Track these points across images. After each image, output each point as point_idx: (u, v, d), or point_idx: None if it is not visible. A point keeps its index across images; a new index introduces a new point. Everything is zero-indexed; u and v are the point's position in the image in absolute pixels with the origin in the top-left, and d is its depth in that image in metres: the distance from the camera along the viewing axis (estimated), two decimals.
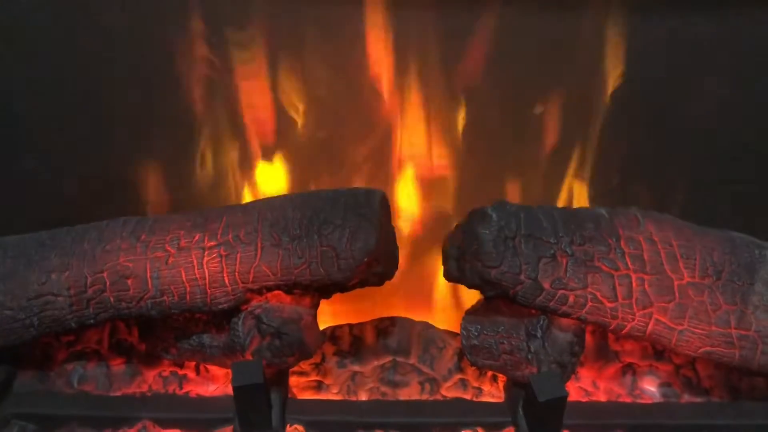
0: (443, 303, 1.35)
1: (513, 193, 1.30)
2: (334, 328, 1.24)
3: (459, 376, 1.19)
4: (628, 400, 1.16)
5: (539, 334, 1.09)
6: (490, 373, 1.18)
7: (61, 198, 1.30)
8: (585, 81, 1.22)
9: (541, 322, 1.09)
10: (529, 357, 1.09)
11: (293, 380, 1.17)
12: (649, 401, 1.16)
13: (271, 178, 1.31)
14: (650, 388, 1.17)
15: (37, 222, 1.18)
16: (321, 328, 1.15)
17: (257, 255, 1.07)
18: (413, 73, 1.21)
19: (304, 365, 1.18)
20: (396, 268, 1.15)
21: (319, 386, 1.18)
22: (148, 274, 1.07)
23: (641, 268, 1.07)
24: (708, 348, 1.07)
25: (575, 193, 1.32)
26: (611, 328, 1.07)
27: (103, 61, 1.21)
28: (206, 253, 1.08)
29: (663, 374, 1.18)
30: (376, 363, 1.21)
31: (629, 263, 1.07)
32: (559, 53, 1.20)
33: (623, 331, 1.07)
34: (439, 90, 1.23)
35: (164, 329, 1.14)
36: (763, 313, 1.08)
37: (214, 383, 1.18)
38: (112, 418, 1.10)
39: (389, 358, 1.21)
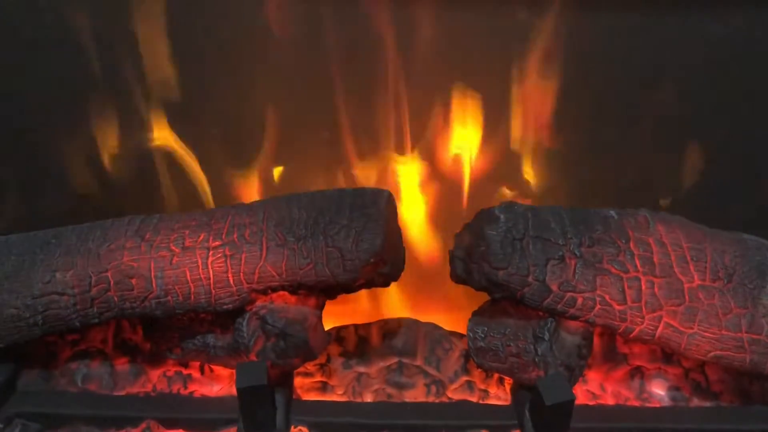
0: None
1: None
2: (339, 329, 1.23)
3: (465, 378, 1.18)
4: (637, 403, 1.14)
5: (546, 337, 1.08)
6: (496, 376, 1.17)
7: None
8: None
9: (549, 325, 1.08)
10: (536, 360, 1.08)
11: (298, 381, 1.17)
12: (658, 405, 1.14)
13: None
14: (659, 391, 1.16)
15: None
16: (326, 328, 1.14)
17: (262, 255, 1.06)
18: None
19: (309, 366, 1.18)
20: (402, 268, 1.14)
21: (324, 387, 1.17)
22: (152, 274, 1.06)
23: (651, 271, 1.06)
24: (718, 352, 1.06)
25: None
26: (620, 331, 1.06)
27: None
28: (211, 252, 1.07)
29: (672, 378, 1.16)
30: (381, 364, 1.20)
31: (639, 265, 1.06)
32: None
33: (632, 335, 1.06)
34: None
35: (169, 329, 1.13)
36: None
37: (219, 383, 1.17)
38: (116, 418, 1.10)
39: (395, 360, 1.20)
